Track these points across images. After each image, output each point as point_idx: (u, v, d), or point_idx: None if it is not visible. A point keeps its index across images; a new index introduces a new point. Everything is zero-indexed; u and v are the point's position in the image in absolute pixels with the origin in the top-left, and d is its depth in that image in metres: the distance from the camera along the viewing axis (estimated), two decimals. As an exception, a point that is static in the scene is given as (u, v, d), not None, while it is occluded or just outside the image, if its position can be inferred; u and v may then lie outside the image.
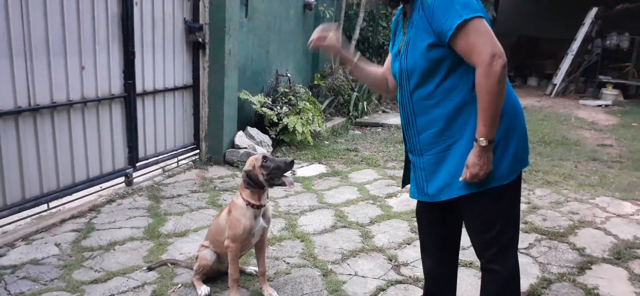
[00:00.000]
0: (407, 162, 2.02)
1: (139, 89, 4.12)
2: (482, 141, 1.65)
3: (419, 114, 1.81)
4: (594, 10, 11.66)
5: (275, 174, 2.28)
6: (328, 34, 1.98)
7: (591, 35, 11.97)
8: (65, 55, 3.42)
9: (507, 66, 1.62)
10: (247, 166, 2.35)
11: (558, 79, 11.53)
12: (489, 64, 1.58)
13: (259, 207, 2.37)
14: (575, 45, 11.54)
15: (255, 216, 2.37)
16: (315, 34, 1.98)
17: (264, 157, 2.31)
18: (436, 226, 2.06)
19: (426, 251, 2.15)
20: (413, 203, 3.99)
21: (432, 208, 1.99)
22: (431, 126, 1.79)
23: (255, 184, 2.32)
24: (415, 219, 3.61)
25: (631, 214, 3.92)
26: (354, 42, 7.72)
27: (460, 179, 1.73)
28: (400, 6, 1.90)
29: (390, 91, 2.12)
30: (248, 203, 2.35)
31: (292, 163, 2.30)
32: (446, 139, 1.77)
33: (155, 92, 4.34)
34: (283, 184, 2.32)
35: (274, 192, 4.06)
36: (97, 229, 3.30)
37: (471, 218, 1.86)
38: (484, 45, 1.59)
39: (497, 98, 1.62)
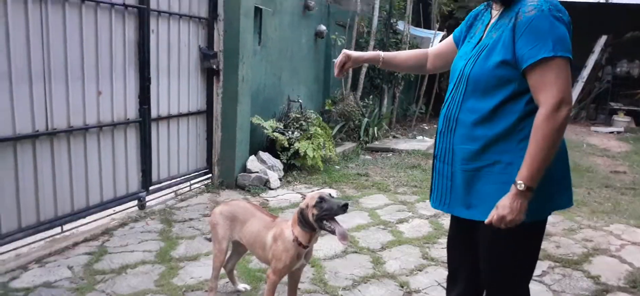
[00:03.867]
0: (433, 170, 1.92)
1: (153, 114, 4.19)
2: (521, 185, 1.54)
3: (462, 125, 1.72)
4: (604, 38, 11.69)
5: (325, 216, 2.13)
6: (344, 58, 2.07)
7: (601, 63, 11.99)
8: (83, 80, 3.51)
9: (569, 116, 1.53)
10: (302, 204, 2.24)
11: (569, 106, 11.49)
12: (555, 108, 1.51)
13: (305, 247, 2.27)
14: (585, 73, 11.55)
15: (299, 255, 2.28)
16: (336, 69, 2.09)
17: (320, 197, 2.16)
18: (467, 256, 1.95)
19: (454, 280, 2.05)
20: (425, 229, 3.97)
21: (464, 236, 1.92)
22: (469, 142, 1.70)
23: (307, 225, 2.21)
24: (427, 245, 3.61)
25: (647, 243, 3.86)
26: (364, 70, 7.81)
27: (486, 221, 1.63)
28: (488, 2, 1.80)
29: (427, 71, 2.13)
30: (296, 239, 2.25)
31: (345, 206, 2.09)
32: (482, 160, 1.68)
33: (169, 117, 4.41)
34: (332, 232, 2.13)
35: (284, 212, 4.06)
36: (110, 253, 3.32)
37: (490, 246, 1.77)
38: (557, 88, 1.51)
39: (552, 146, 1.53)
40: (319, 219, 2.15)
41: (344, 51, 2.09)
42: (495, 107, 1.65)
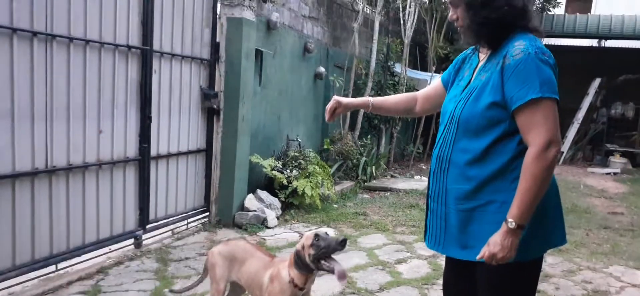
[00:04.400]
0: (427, 209, 1.93)
1: (153, 152, 4.21)
2: (512, 223, 1.57)
3: (455, 165, 1.75)
4: (598, 81, 11.91)
5: (323, 254, 2.08)
6: (334, 105, 2.11)
7: (596, 105, 12.17)
8: (85, 119, 3.55)
9: (558, 155, 1.58)
10: (298, 246, 2.20)
11: (565, 147, 11.60)
12: (544, 148, 1.55)
13: (301, 289, 2.21)
14: (580, 114, 11.71)
15: None
16: (327, 114, 2.12)
17: (316, 235, 2.12)
18: None
19: None
20: (423, 270, 3.94)
21: (459, 276, 1.92)
22: (463, 182, 1.73)
23: (303, 266, 2.16)
24: (425, 286, 3.57)
25: (647, 285, 3.84)
26: (362, 110, 7.90)
27: (477, 257, 1.65)
28: (472, 47, 1.87)
29: (416, 113, 2.17)
30: (292, 281, 2.20)
31: (344, 242, 2.04)
32: (476, 200, 1.70)
33: (169, 155, 4.43)
34: (331, 271, 2.07)
35: (281, 251, 4.03)
36: (104, 292, 3.28)
37: (489, 286, 1.78)
38: (546, 128, 1.56)
39: (541, 184, 1.56)
40: (316, 259, 2.11)
41: (335, 97, 2.13)
42: (487, 147, 1.68)
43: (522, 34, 1.68)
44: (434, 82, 2.11)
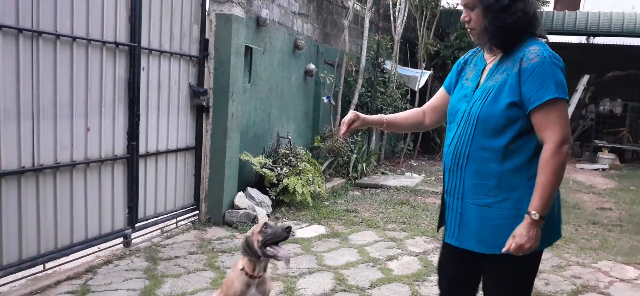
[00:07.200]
0: (443, 203, 2.01)
1: (142, 150, 4.17)
2: (535, 215, 1.68)
3: (473, 162, 1.82)
4: (586, 77, 12.01)
5: (270, 240, 2.21)
6: (353, 117, 2.08)
7: (584, 101, 12.28)
8: (72, 117, 3.50)
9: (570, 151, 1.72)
10: (248, 233, 2.32)
11: (554, 143, 11.69)
12: (560, 145, 1.68)
13: (252, 277, 2.29)
14: (569, 111, 11.80)
15: (248, 285, 2.30)
16: (344, 127, 2.08)
17: (265, 224, 2.27)
18: (458, 285, 2.03)
19: None
20: (414, 266, 3.95)
21: (456, 265, 1.99)
22: (481, 178, 1.81)
23: (251, 252, 2.27)
24: (416, 283, 3.59)
25: (634, 279, 3.88)
26: (353, 107, 7.90)
27: (503, 250, 1.73)
28: (476, 49, 1.97)
29: (425, 127, 2.23)
30: (243, 269, 2.30)
31: (288, 229, 2.20)
32: (493, 196, 1.79)
33: (158, 153, 4.39)
34: (276, 256, 2.22)
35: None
36: (93, 291, 3.24)
37: (496, 279, 1.87)
38: (560, 126, 1.69)
39: (559, 178, 1.70)
40: (263, 245, 2.22)
41: (353, 111, 2.11)
42: (506, 145, 1.78)
43: (533, 39, 1.79)
44: (437, 93, 2.17)
